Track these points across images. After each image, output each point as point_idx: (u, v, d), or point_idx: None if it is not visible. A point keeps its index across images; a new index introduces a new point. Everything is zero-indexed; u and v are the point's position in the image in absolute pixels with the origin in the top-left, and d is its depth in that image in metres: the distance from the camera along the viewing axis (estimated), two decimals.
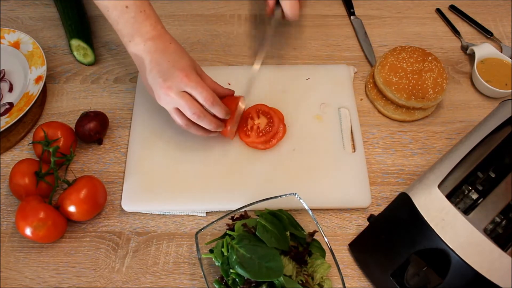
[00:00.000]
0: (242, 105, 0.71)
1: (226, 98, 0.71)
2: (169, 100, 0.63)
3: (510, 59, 0.83)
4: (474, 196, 0.62)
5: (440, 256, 0.55)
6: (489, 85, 0.80)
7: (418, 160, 0.75)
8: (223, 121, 0.68)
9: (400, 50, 0.78)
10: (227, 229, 0.62)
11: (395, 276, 0.59)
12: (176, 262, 0.66)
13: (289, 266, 0.58)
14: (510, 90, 0.79)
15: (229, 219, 0.63)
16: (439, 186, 0.58)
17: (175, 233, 0.68)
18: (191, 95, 0.63)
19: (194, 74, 0.64)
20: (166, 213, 0.70)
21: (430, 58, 0.77)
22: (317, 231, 0.62)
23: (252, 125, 0.73)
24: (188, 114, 0.63)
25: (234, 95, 0.72)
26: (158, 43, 0.65)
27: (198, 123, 0.65)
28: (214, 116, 0.66)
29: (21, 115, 0.73)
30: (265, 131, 0.72)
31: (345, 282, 0.58)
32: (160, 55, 0.64)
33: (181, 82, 0.62)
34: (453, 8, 0.95)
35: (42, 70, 0.79)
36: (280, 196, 0.64)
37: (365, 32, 0.90)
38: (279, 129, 0.73)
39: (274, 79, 0.81)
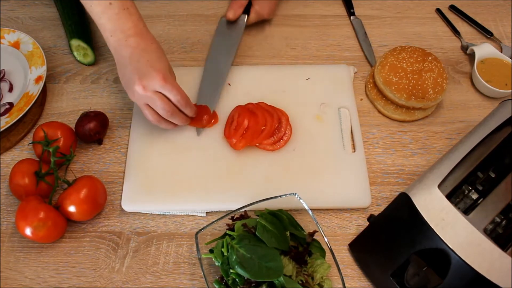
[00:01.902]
0: None
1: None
2: (142, 97, 0.65)
3: (510, 59, 0.83)
4: (474, 196, 0.62)
5: (440, 256, 0.55)
6: (489, 85, 0.80)
7: (418, 160, 0.75)
8: (229, 134, 0.72)
9: (400, 50, 0.78)
10: (227, 229, 0.62)
11: (395, 276, 0.59)
12: (176, 262, 0.66)
13: (289, 266, 0.58)
14: (510, 90, 0.79)
15: (229, 219, 0.63)
16: (439, 186, 0.58)
17: (175, 233, 0.68)
18: (163, 95, 0.66)
19: (170, 77, 0.66)
20: (166, 213, 0.70)
21: (430, 58, 0.77)
22: (317, 231, 0.62)
23: (261, 125, 0.72)
24: (161, 112, 0.66)
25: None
26: (140, 41, 0.66)
27: (169, 120, 0.68)
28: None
29: (21, 115, 0.73)
30: (274, 132, 0.72)
31: (345, 282, 0.58)
32: (139, 53, 0.66)
33: (157, 83, 0.65)
34: (453, 8, 0.95)
35: (42, 70, 0.79)
36: (280, 196, 0.64)
37: (365, 32, 0.90)
38: (287, 130, 0.73)
39: (274, 79, 0.81)
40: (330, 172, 0.71)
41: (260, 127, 0.72)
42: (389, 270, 0.59)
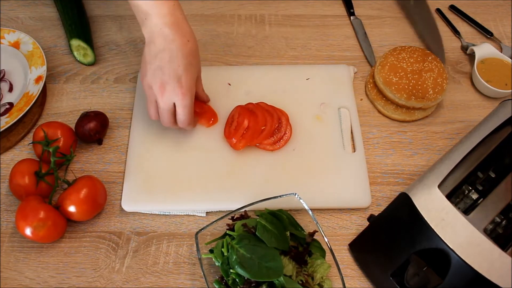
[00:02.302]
0: None
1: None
2: (155, 95, 0.65)
3: (510, 59, 0.83)
4: (474, 196, 0.62)
5: (440, 256, 0.55)
6: (489, 85, 0.80)
7: (418, 160, 0.75)
8: (232, 133, 0.72)
9: (400, 50, 0.78)
10: (227, 229, 0.62)
11: (395, 276, 0.59)
12: (176, 262, 0.66)
13: (289, 266, 0.58)
14: (510, 90, 0.79)
15: (229, 219, 0.63)
16: (439, 186, 0.58)
17: (175, 233, 0.68)
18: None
19: (190, 94, 0.65)
20: (166, 213, 0.70)
21: (430, 58, 0.77)
22: (317, 231, 0.62)
23: (261, 125, 0.72)
24: (162, 118, 0.67)
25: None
26: (176, 36, 0.63)
27: (163, 124, 0.68)
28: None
29: (21, 115, 0.73)
30: (275, 131, 0.72)
31: (345, 282, 0.58)
32: (172, 53, 0.63)
33: (175, 96, 0.64)
34: (453, 8, 0.95)
35: (42, 70, 0.79)
36: (280, 196, 0.64)
37: (365, 32, 0.90)
38: (287, 130, 0.73)
39: (274, 79, 0.81)
40: (330, 172, 0.71)
41: (260, 127, 0.72)
42: (389, 270, 0.59)
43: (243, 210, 0.63)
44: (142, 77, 0.66)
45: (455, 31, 0.90)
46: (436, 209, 0.56)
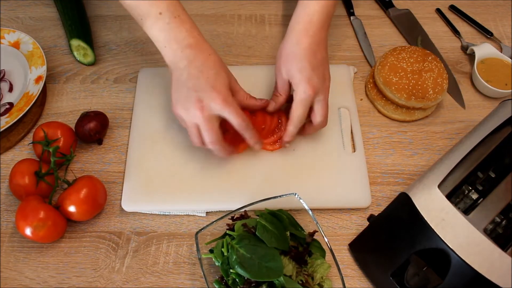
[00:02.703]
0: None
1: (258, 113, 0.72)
2: (196, 117, 0.62)
3: (510, 59, 0.83)
4: (474, 196, 0.62)
5: (440, 256, 0.55)
6: (489, 85, 0.80)
7: (418, 160, 0.75)
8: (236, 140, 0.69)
9: (400, 50, 0.78)
10: (227, 229, 0.62)
11: (395, 276, 0.59)
12: (176, 262, 0.66)
13: (289, 266, 0.58)
14: (510, 90, 0.79)
15: (229, 219, 0.63)
16: (439, 186, 0.58)
17: (175, 233, 0.68)
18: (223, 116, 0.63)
19: (230, 97, 0.63)
20: (166, 213, 0.70)
21: (430, 58, 0.77)
22: (317, 231, 0.62)
23: (261, 125, 0.72)
24: (206, 138, 0.63)
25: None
26: (197, 53, 0.63)
27: (210, 148, 0.65)
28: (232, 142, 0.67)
29: (21, 115, 0.73)
30: (274, 131, 0.72)
31: (345, 282, 0.58)
32: (198, 68, 0.62)
33: (216, 105, 0.61)
34: (453, 8, 0.95)
35: (42, 70, 0.79)
36: (280, 196, 0.64)
37: (365, 33, 0.90)
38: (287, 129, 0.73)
39: (274, 79, 0.80)
40: (330, 172, 0.71)
41: (260, 126, 0.72)
42: (389, 270, 0.59)
43: (243, 210, 0.63)
44: (174, 106, 0.64)
45: (455, 31, 0.90)
46: (436, 209, 0.56)
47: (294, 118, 0.67)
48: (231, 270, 0.57)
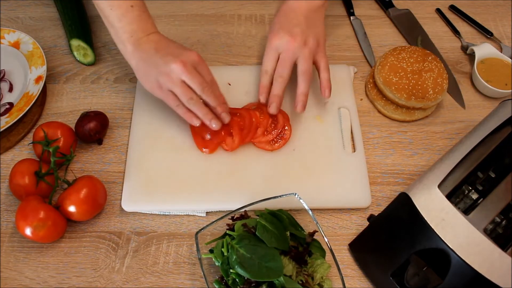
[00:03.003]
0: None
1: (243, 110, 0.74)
2: (180, 74, 0.65)
3: (510, 59, 0.83)
4: (474, 196, 0.62)
5: (440, 256, 0.55)
6: (489, 85, 0.80)
7: (418, 160, 0.75)
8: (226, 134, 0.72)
9: (400, 50, 0.78)
10: (227, 229, 0.62)
11: (395, 276, 0.59)
12: (176, 262, 0.66)
13: (289, 266, 0.58)
14: (510, 90, 0.79)
15: (229, 219, 0.63)
16: (439, 186, 0.58)
17: (175, 233, 0.68)
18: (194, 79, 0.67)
19: (201, 58, 0.69)
20: (166, 213, 0.70)
21: (430, 58, 0.77)
22: (317, 231, 0.62)
23: (249, 124, 0.72)
24: (196, 87, 0.66)
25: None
26: (161, 37, 0.70)
27: (192, 108, 0.67)
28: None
29: (21, 115, 0.73)
30: (272, 129, 0.72)
31: (345, 282, 0.58)
32: (166, 42, 0.69)
33: (195, 59, 0.67)
34: (453, 8, 0.95)
35: (42, 70, 0.79)
36: (280, 196, 0.64)
37: (365, 33, 0.90)
38: (286, 129, 0.73)
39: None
40: (330, 172, 0.71)
41: (249, 125, 0.72)
42: (389, 270, 0.59)
43: (243, 210, 0.63)
44: (148, 78, 0.69)
45: (455, 31, 0.90)
46: (436, 209, 0.56)
47: (301, 77, 0.72)
48: (231, 270, 0.57)
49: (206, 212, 0.70)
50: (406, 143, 0.77)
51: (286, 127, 0.73)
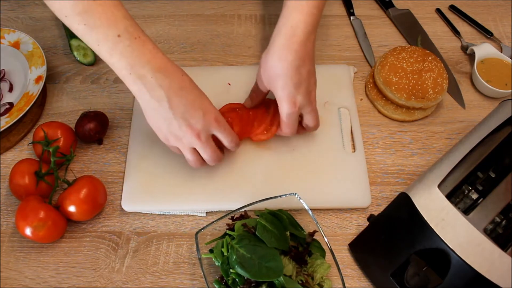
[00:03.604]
0: None
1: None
2: (192, 143, 0.61)
3: (510, 59, 0.83)
4: (474, 196, 0.62)
5: (440, 256, 0.55)
6: (489, 85, 0.80)
7: (418, 160, 0.75)
8: None
9: (400, 50, 0.78)
10: (227, 229, 0.62)
11: (395, 276, 0.59)
12: (176, 262, 0.66)
13: (289, 266, 0.58)
14: (510, 90, 0.79)
15: (229, 219, 0.63)
16: (439, 186, 0.58)
17: (175, 233, 0.68)
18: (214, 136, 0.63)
19: (220, 116, 0.63)
20: (166, 213, 0.70)
21: (430, 58, 0.77)
22: (317, 231, 0.62)
23: (247, 117, 0.72)
24: (207, 160, 0.64)
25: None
26: (171, 77, 0.58)
27: (209, 164, 0.65)
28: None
29: (21, 115, 0.73)
30: (263, 120, 0.72)
31: (345, 282, 0.58)
32: (178, 95, 0.58)
33: (211, 127, 0.61)
34: (453, 8, 0.95)
35: (42, 70, 0.79)
36: (280, 196, 0.64)
37: (365, 33, 0.90)
38: (276, 114, 0.70)
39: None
40: (330, 172, 0.71)
41: (247, 118, 0.71)
42: (389, 270, 0.59)
43: (243, 210, 0.63)
44: (164, 139, 0.62)
45: (455, 31, 0.90)
46: (436, 209, 0.56)
47: (284, 130, 0.67)
48: (231, 270, 0.57)
49: (206, 212, 0.70)
50: (406, 143, 0.77)
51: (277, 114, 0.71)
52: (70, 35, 0.84)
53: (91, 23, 0.55)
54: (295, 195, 0.63)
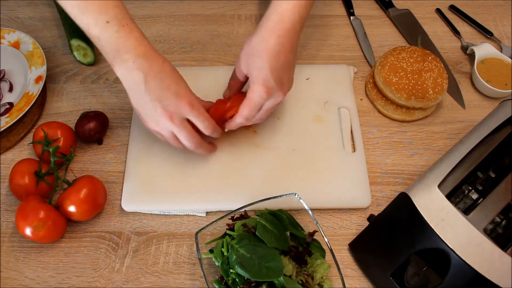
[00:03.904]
0: None
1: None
2: (168, 126, 0.62)
3: (510, 59, 0.83)
4: (474, 196, 0.62)
5: (440, 256, 0.55)
6: (489, 85, 0.80)
7: (418, 160, 0.75)
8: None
9: (400, 50, 0.78)
10: (227, 229, 0.62)
11: (395, 276, 0.59)
12: (176, 262, 0.66)
13: (289, 266, 0.58)
14: (510, 90, 0.79)
15: (229, 219, 0.63)
16: (439, 186, 0.58)
17: (175, 233, 0.68)
18: (189, 124, 0.63)
19: (196, 101, 0.63)
20: (166, 213, 0.70)
21: (430, 58, 0.77)
22: (317, 231, 0.62)
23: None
24: (186, 144, 0.64)
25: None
26: (151, 62, 0.61)
27: (194, 150, 0.66)
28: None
29: (21, 115, 0.74)
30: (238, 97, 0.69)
31: (345, 282, 0.58)
32: (156, 78, 0.61)
33: (184, 110, 0.62)
34: (453, 8, 0.95)
35: (42, 70, 0.79)
36: (280, 196, 0.64)
37: (365, 33, 0.90)
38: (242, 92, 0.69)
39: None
40: (330, 172, 0.71)
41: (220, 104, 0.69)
42: (389, 270, 0.59)
43: (243, 210, 0.63)
44: (144, 122, 0.64)
45: (455, 31, 0.90)
46: (436, 209, 0.56)
47: (242, 114, 0.65)
48: (231, 270, 0.57)
49: (206, 212, 0.70)
50: (406, 143, 0.77)
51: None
52: (70, 35, 0.84)
53: (83, 7, 0.59)
54: (295, 195, 0.63)
